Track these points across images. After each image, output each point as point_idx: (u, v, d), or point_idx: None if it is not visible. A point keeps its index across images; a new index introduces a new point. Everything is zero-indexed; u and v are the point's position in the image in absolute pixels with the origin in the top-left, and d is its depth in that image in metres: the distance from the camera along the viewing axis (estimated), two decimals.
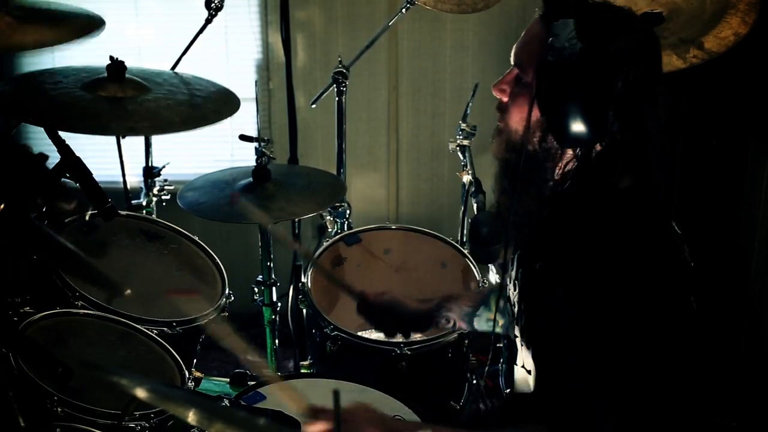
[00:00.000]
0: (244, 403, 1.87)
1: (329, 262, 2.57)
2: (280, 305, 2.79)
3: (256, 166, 2.53)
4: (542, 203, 1.51)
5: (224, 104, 2.39)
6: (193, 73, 2.37)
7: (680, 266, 1.44)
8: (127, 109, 2.00)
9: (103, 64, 2.02)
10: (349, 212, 2.79)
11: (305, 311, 2.58)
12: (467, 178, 2.80)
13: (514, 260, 1.66)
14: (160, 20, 3.76)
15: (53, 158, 1.73)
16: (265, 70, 3.80)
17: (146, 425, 1.86)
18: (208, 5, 2.77)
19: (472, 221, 2.56)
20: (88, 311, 2.12)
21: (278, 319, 2.78)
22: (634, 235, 1.42)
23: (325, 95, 2.94)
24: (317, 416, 1.42)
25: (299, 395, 1.46)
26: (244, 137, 2.60)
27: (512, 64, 1.49)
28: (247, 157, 2.64)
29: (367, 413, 1.46)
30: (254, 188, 2.51)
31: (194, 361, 2.38)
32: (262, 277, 2.71)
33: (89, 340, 2.06)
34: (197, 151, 3.80)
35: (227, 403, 1.91)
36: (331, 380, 2.01)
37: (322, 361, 2.42)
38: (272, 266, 2.70)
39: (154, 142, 2.91)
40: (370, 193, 3.96)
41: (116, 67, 2.29)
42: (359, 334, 2.37)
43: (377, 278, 2.58)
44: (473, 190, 2.72)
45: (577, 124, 1.39)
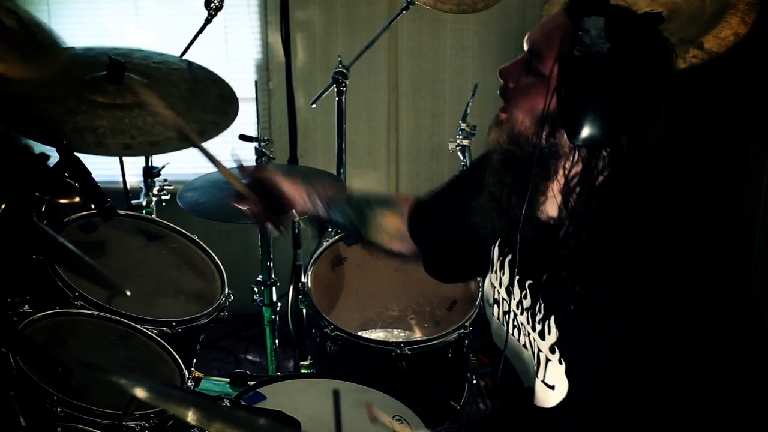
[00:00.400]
0: (244, 403, 1.87)
1: (329, 262, 2.57)
2: (280, 305, 2.79)
3: (256, 166, 2.54)
4: (552, 212, 1.46)
5: (223, 113, 2.40)
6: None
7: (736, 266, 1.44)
8: (124, 122, 2.00)
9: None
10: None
11: (305, 311, 2.58)
12: None
13: (504, 264, 1.58)
14: (160, 20, 3.76)
15: (53, 158, 1.72)
16: (265, 70, 3.80)
17: (146, 425, 1.86)
18: (207, 5, 2.77)
19: None
20: (87, 311, 2.11)
21: (278, 319, 2.78)
22: (688, 245, 1.39)
23: (325, 95, 2.94)
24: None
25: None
26: (244, 137, 2.61)
27: (526, 50, 1.43)
28: (247, 157, 2.64)
29: None
30: None
31: (194, 360, 2.38)
32: (262, 277, 2.71)
33: (89, 339, 2.06)
34: (197, 151, 3.80)
35: (227, 403, 1.91)
36: (331, 380, 2.01)
37: (322, 361, 2.42)
38: (272, 266, 2.71)
39: None
40: None
41: (115, 67, 2.30)
42: (359, 334, 2.37)
43: (377, 278, 2.58)
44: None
45: (594, 124, 1.34)
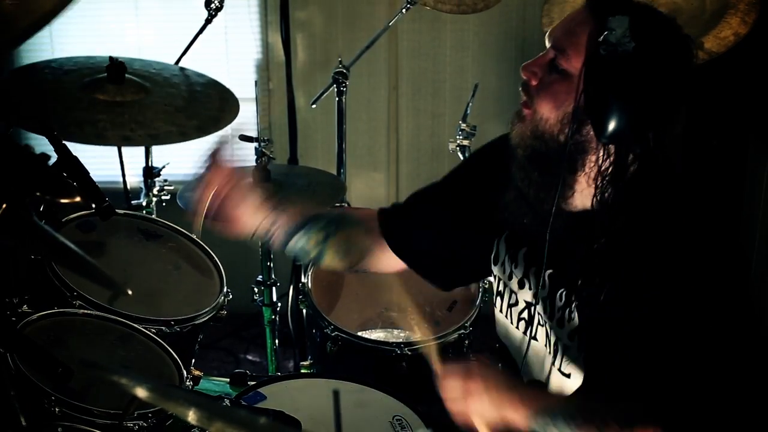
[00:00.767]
0: (244, 403, 1.87)
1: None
2: (280, 305, 2.79)
3: (256, 166, 2.53)
4: (571, 202, 1.47)
5: (223, 110, 2.39)
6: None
7: (743, 270, 1.46)
8: (124, 117, 1.99)
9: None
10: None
11: (305, 311, 2.58)
12: None
13: (516, 256, 1.61)
14: (160, 20, 3.76)
15: (53, 158, 1.72)
16: (265, 70, 3.79)
17: (145, 425, 1.85)
18: (207, 5, 2.77)
19: None
20: (86, 311, 2.11)
21: (278, 319, 2.78)
22: (705, 240, 1.40)
23: (325, 95, 2.94)
24: None
25: None
26: (244, 137, 2.60)
27: (548, 46, 1.45)
28: (247, 157, 2.64)
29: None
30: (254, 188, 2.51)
31: (193, 360, 2.38)
32: (262, 277, 2.71)
33: (87, 339, 2.05)
34: (197, 151, 3.80)
35: (227, 403, 1.91)
36: (331, 380, 2.01)
37: (322, 361, 2.42)
38: (272, 266, 2.70)
39: None
40: (370, 193, 3.95)
41: (116, 68, 2.30)
42: (359, 334, 2.36)
43: (377, 278, 2.57)
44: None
45: (621, 122, 1.36)
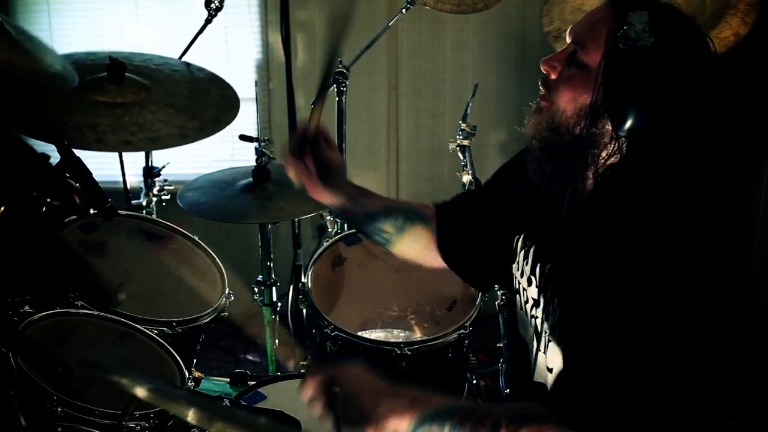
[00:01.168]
0: (244, 403, 1.87)
1: (329, 262, 2.57)
2: (280, 305, 2.79)
3: (256, 166, 2.54)
4: (582, 196, 1.47)
5: (224, 108, 2.39)
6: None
7: (735, 265, 1.42)
8: (124, 119, 1.99)
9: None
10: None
11: (305, 311, 2.58)
12: (467, 178, 2.80)
13: (528, 254, 1.61)
14: (160, 20, 3.76)
15: (53, 158, 1.73)
16: (265, 70, 3.80)
17: (146, 425, 1.86)
18: (207, 5, 2.77)
19: None
20: (88, 311, 2.12)
21: (278, 319, 2.78)
22: (691, 235, 1.39)
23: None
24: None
25: None
26: (244, 137, 2.61)
27: (569, 41, 1.46)
28: (247, 157, 2.65)
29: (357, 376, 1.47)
30: (254, 188, 2.52)
31: (194, 361, 2.38)
32: (262, 277, 2.71)
33: (89, 340, 2.06)
34: (197, 151, 3.78)
35: (227, 403, 1.91)
36: None
37: (322, 361, 2.42)
38: (272, 266, 2.71)
39: None
40: None
41: (116, 67, 2.30)
42: (359, 334, 2.37)
43: (377, 278, 2.58)
44: (473, 189, 2.73)
45: (640, 115, 1.37)
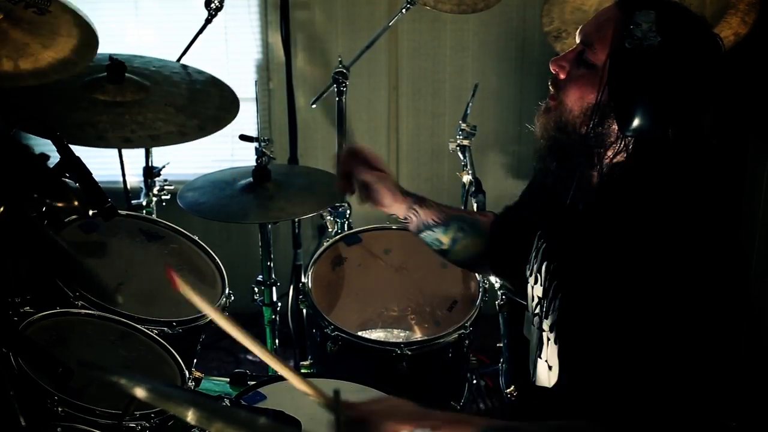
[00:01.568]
0: (244, 403, 1.87)
1: (329, 262, 2.57)
2: (280, 305, 2.79)
3: (256, 166, 2.54)
4: (587, 195, 1.48)
5: (223, 108, 2.39)
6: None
7: (738, 267, 1.42)
8: (124, 117, 2.00)
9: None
10: (349, 212, 2.79)
11: (305, 311, 2.58)
12: (467, 178, 2.80)
13: (538, 254, 1.62)
14: (160, 20, 3.76)
15: (53, 158, 1.73)
16: (265, 70, 3.80)
17: (146, 425, 1.86)
18: (207, 5, 2.77)
19: None
20: (88, 311, 2.12)
21: (278, 319, 2.78)
22: (691, 235, 1.39)
23: (325, 95, 2.94)
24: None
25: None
26: (244, 137, 2.61)
27: (578, 42, 1.47)
28: (247, 157, 2.65)
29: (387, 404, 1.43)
30: (254, 188, 2.52)
31: (194, 361, 2.38)
32: (262, 277, 2.71)
33: (89, 340, 2.06)
34: (197, 151, 3.79)
35: (227, 402, 1.91)
36: (331, 380, 2.01)
37: (322, 361, 2.42)
38: (272, 266, 2.71)
39: None
40: None
41: (116, 67, 2.30)
42: (359, 334, 2.37)
43: (377, 278, 2.58)
44: (473, 190, 2.73)
45: (645, 115, 1.37)
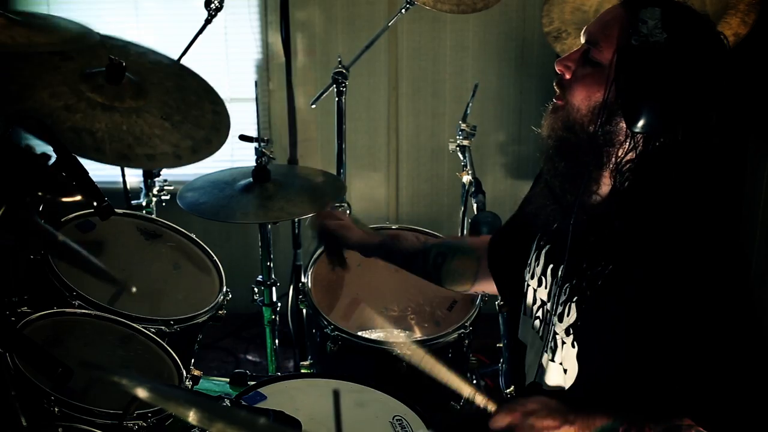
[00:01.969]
0: (244, 403, 1.87)
1: (329, 262, 2.57)
2: (280, 305, 2.79)
3: (256, 166, 2.53)
4: (596, 195, 1.47)
5: (215, 129, 2.38)
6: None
7: (745, 269, 1.42)
8: (122, 129, 2.00)
9: None
10: (349, 212, 2.79)
11: (305, 311, 2.57)
12: (467, 178, 2.79)
13: (540, 256, 1.61)
14: (159, 20, 3.76)
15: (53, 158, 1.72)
16: (265, 70, 3.80)
17: (144, 425, 1.85)
18: (207, 5, 2.76)
19: (472, 221, 2.55)
20: (85, 311, 2.11)
21: (278, 319, 2.78)
22: (708, 241, 1.39)
23: (325, 95, 2.94)
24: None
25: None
26: (244, 137, 2.60)
27: (583, 41, 1.47)
28: (247, 157, 2.64)
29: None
30: (254, 188, 2.51)
31: (192, 360, 2.38)
32: (262, 277, 2.71)
33: (87, 339, 2.05)
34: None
35: (227, 403, 1.90)
36: (331, 380, 2.00)
37: (322, 361, 2.42)
38: (272, 266, 2.70)
39: None
40: (370, 193, 3.95)
41: (116, 68, 2.29)
42: (359, 334, 2.36)
43: (377, 278, 2.58)
44: (473, 190, 2.72)
45: (653, 111, 1.37)
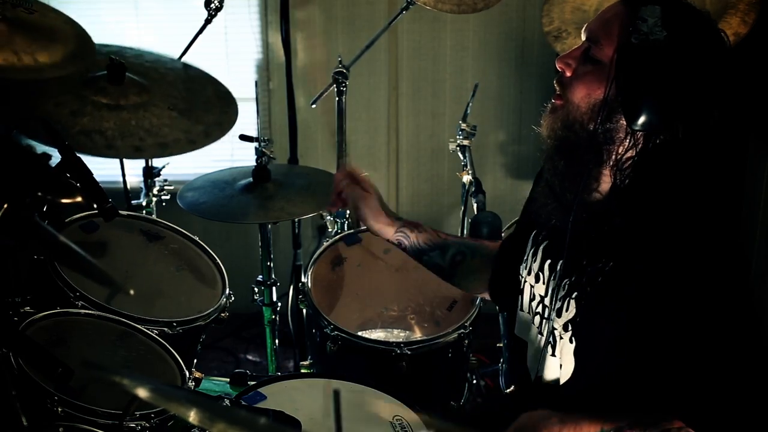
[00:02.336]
0: (244, 403, 1.87)
1: (329, 262, 2.58)
2: (280, 305, 2.79)
3: (256, 166, 2.54)
4: (596, 193, 1.48)
5: (224, 112, 2.39)
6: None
7: (744, 269, 1.43)
8: (131, 124, 2.01)
9: None
10: (349, 212, 2.79)
11: (305, 311, 2.58)
12: (467, 178, 2.80)
13: (537, 252, 1.61)
14: (160, 20, 3.76)
15: (54, 158, 1.73)
16: (265, 70, 3.80)
17: (146, 425, 1.86)
18: (207, 5, 2.76)
19: (472, 221, 2.56)
20: (88, 311, 2.11)
21: (278, 319, 2.78)
22: (708, 240, 1.39)
23: (325, 95, 2.94)
24: None
25: None
26: (244, 137, 2.61)
27: (583, 39, 1.47)
28: (247, 157, 2.65)
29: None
30: (254, 188, 2.52)
31: (194, 361, 2.38)
32: (262, 277, 2.71)
33: (89, 340, 2.06)
34: (197, 151, 3.80)
35: (227, 403, 1.91)
36: (331, 380, 2.01)
37: (322, 361, 2.42)
38: (272, 266, 2.71)
39: None
40: None
41: (116, 68, 2.30)
42: (359, 334, 2.37)
43: (377, 278, 2.58)
44: (473, 190, 2.73)
45: (653, 109, 1.37)
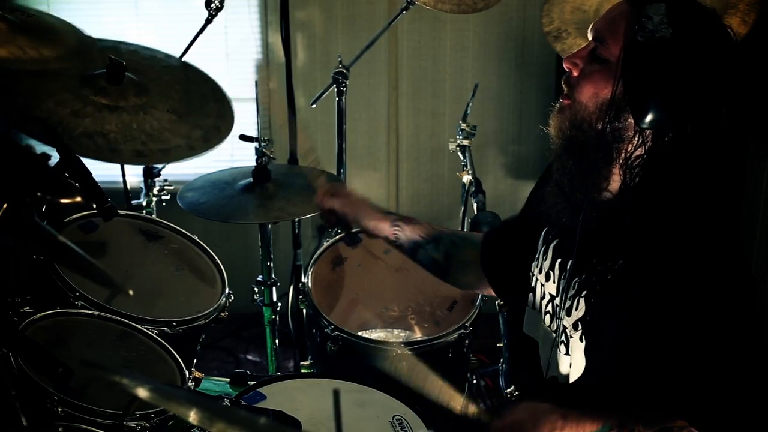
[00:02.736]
0: (244, 403, 1.87)
1: (329, 262, 2.57)
2: (280, 305, 2.79)
3: (256, 166, 2.54)
4: (606, 192, 1.47)
5: (220, 116, 2.39)
6: None
7: (747, 269, 1.42)
8: (132, 127, 2.02)
9: None
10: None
11: (305, 311, 2.58)
12: (467, 178, 2.80)
13: (548, 250, 1.61)
14: (160, 20, 3.76)
15: (53, 158, 1.73)
16: (265, 70, 3.80)
17: (146, 425, 1.86)
18: (208, 5, 2.77)
19: (472, 221, 2.56)
20: (88, 311, 2.11)
21: (278, 319, 2.78)
22: (716, 239, 1.39)
23: (325, 95, 2.94)
24: None
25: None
26: (244, 137, 2.60)
27: (590, 39, 1.47)
28: (247, 157, 2.64)
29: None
30: (254, 188, 2.52)
31: (194, 361, 2.38)
32: (262, 277, 2.71)
33: (89, 340, 2.05)
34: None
35: (227, 402, 1.91)
36: (331, 380, 2.01)
37: (322, 361, 2.42)
38: (272, 266, 2.71)
39: None
40: (370, 193, 3.92)
41: (115, 68, 2.30)
42: (359, 334, 2.37)
43: (377, 278, 2.58)
44: (473, 190, 2.73)
45: (661, 106, 1.37)
